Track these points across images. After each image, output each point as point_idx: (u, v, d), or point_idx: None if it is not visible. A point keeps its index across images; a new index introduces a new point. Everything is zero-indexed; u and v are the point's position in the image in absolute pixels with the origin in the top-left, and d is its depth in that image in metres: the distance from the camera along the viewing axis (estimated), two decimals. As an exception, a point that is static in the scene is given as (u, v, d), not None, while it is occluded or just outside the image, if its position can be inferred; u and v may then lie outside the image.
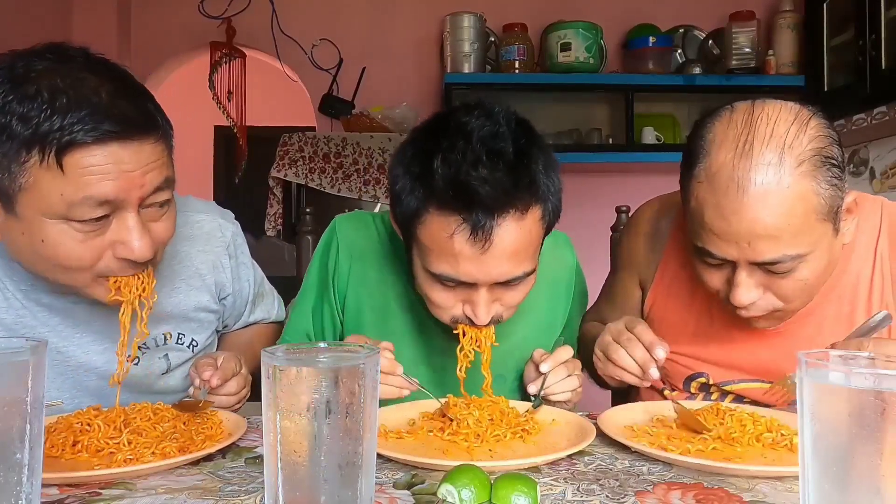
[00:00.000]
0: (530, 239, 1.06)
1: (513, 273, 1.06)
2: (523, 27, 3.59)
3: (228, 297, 1.33)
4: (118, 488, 0.80)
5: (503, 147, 1.02)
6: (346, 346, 0.74)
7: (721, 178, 1.00)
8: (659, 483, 0.81)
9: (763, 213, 0.98)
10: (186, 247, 1.25)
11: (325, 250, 1.34)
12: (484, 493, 0.74)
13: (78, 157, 0.90)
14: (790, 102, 1.05)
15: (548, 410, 1.09)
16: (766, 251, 1.00)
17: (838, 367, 0.63)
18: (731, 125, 1.02)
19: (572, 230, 1.40)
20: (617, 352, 1.10)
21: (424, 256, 1.08)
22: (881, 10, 2.83)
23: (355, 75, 3.75)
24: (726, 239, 1.01)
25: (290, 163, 3.40)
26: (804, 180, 0.97)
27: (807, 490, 0.62)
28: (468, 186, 0.99)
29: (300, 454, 0.63)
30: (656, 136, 3.61)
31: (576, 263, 1.39)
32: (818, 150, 0.99)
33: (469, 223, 1.00)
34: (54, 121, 0.88)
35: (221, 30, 3.69)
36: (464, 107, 1.09)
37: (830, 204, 1.00)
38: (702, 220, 1.04)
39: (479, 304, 1.08)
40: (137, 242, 0.97)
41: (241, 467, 0.88)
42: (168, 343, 1.24)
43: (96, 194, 0.92)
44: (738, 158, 0.99)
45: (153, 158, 0.97)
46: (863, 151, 3.42)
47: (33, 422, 0.63)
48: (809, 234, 1.00)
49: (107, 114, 0.91)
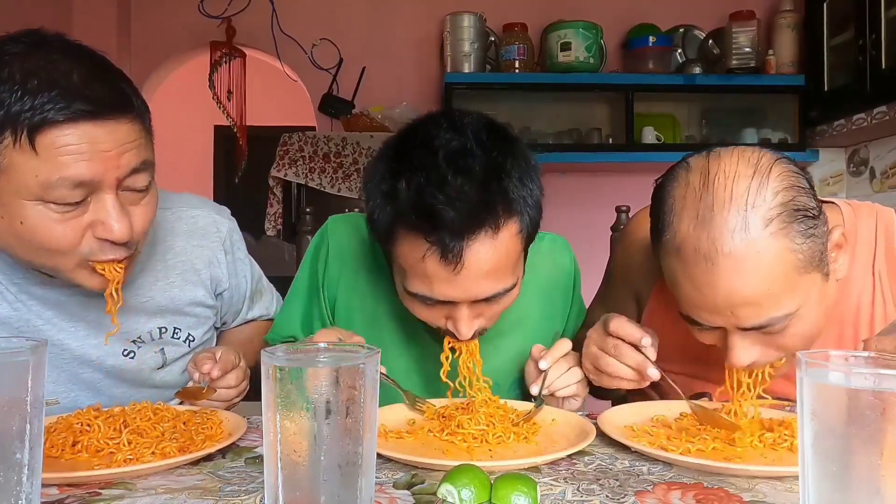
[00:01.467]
0: (507, 255, 1.01)
1: (491, 290, 1.03)
2: (523, 27, 3.59)
3: (225, 293, 1.32)
4: (118, 488, 0.80)
5: (470, 164, 0.96)
6: (346, 346, 0.74)
7: (686, 250, 0.93)
8: (659, 483, 0.81)
9: (738, 283, 0.91)
10: (182, 242, 1.25)
11: (315, 254, 1.31)
12: (484, 493, 0.74)
13: (51, 136, 0.90)
14: (749, 150, 0.95)
15: (548, 410, 1.08)
16: (750, 318, 0.93)
17: (838, 367, 0.63)
18: (689, 189, 0.94)
19: (572, 230, 1.39)
20: (609, 364, 1.05)
21: (401, 275, 1.06)
22: (881, 9, 2.83)
23: (355, 75, 3.75)
24: (707, 309, 0.95)
25: (290, 162, 3.40)
26: (776, 241, 0.90)
27: (807, 490, 0.62)
28: (433, 210, 0.94)
29: (300, 454, 0.63)
30: (656, 135, 3.61)
31: (574, 267, 1.36)
32: (785, 205, 0.90)
33: (438, 246, 0.96)
34: (25, 101, 0.88)
35: (221, 29, 3.69)
36: (432, 118, 1.04)
37: (810, 255, 0.92)
38: (679, 292, 0.98)
39: (460, 320, 1.05)
40: (116, 223, 0.96)
41: (241, 467, 0.87)
42: (163, 337, 1.23)
43: (71, 175, 0.91)
44: (700, 228, 0.91)
45: (129, 139, 0.96)
46: (863, 151, 3.42)
47: (33, 422, 0.63)
48: (794, 291, 0.93)
49: (79, 93, 0.90)
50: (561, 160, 3.50)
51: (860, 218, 1.12)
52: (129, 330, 1.18)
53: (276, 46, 3.75)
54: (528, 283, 1.14)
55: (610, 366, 1.05)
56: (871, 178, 3.37)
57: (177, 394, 1.09)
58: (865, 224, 1.11)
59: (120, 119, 0.94)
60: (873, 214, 1.12)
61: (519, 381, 1.28)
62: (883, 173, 3.29)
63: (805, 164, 3.63)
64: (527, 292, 1.16)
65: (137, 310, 1.18)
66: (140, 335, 1.20)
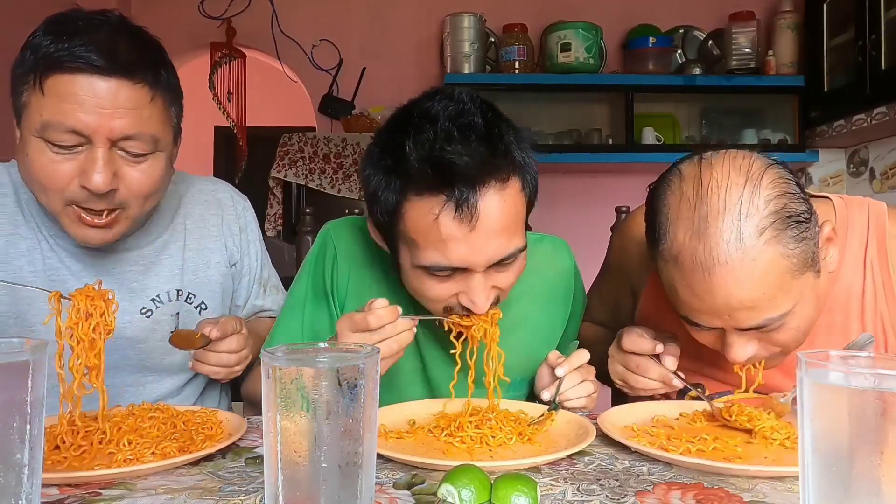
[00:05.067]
0: (515, 210, 1.03)
1: (505, 250, 1.02)
2: (523, 27, 3.59)
3: (236, 266, 1.38)
4: (118, 488, 0.80)
5: (472, 120, 1.00)
6: (346, 345, 0.74)
7: (684, 259, 0.96)
8: (659, 483, 0.81)
9: (734, 290, 0.94)
10: (200, 210, 1.35)
11: (319, 260, 1.28)
12: (484, 494, 0.74)
13: (58, 82, 1.00)
14: (740, 156, 0.97)
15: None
16: (747, 320, 0.97)
17: (838, 367, 0.63)
18: (683, 199, 0.97)
19: (572, 230, 1.39)
20: (637, 381, 1.12)
21: (413, 250, 1.04)
22: (881, 10, 2.83)
23: (355, 76, 3.75)
24: (705, 312, 0.99)
25: (290, 163, 3.40)
26: (769, 248, 0.92)
27: (807, 490, 0.62)
28: (445, 161, 0.96)
29: (300, 454, 0.63)
30: (656, 136, 3.61)
31: (574, 268, 1.36)
32: (778, 213, 0.93)
33: (452, 200, 0.97)
34: (50, 47, 1.00)
35: (221, 30, 3.69)
36: (424, 95, 1.07)
37: (803, 258, 0.95)
38: (677, 297, 1.01)
39: (476, 290, 1.04)
40: (97, 175, 1.03)
41: (241, 467, 0.87)
42: (178, 300, 1.28)
43: (66, 122, 1.00)
44: (696, 239, 0.94)
45: (130, 104, 1.03)
46: (862, 152, 3.42)
47: (33, 422, 0.63)
48: (788, 293, 0.96)
49: (99, 48, 1.00)
50: (561, 161, 3.50)
51: (852, 210, 1.13)
52: (148, 286, 1.26)
53: (276, 47, 3.75)
54: (530, 284, 1.14)
55: (639, 382, 1.12)
56: (871, 178, 3.37)
57: (171, 338, 1.10)
58: (857, 216, 1.13)
59: (126, 80, 1.02)
60: (865, 207, 1.14)
61: (520, 381, 1.28)
62: (883, 174, 3.29)
63: (805, 164, 3.63)
64: (528, 294, 1.16)
65: (158, 266, 1.27)
66: (158, 293, 1.27)
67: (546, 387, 1.13)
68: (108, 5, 3.57)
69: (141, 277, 1.25)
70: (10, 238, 1.19)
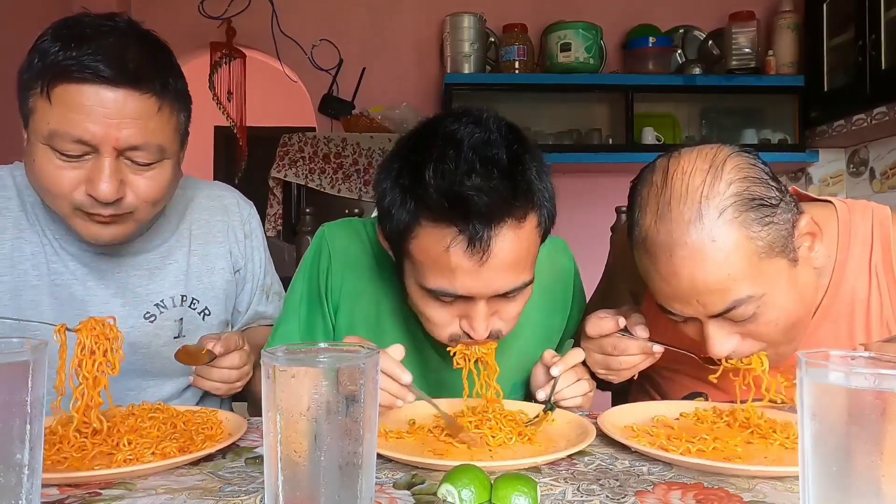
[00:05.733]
0: (528, 247, 1.02)
1: (512, 284, 1.02)
2: (523, 27, 3.59)
3: (240, 272, 1.38)
4: (118, 488, 0.80)
5: (496, 154, 0.97)
6: (346, 345, 0.74)
7: (649, 244, 0.99)
8: (659, 483, 0.81)
9: (697, 272, 0.95)
10: (206, 215, 1.35)
11: (314, 261, 1.26)
12: (484, 494, 0.73)
13: (65, 91, 1.00)
14: (708, 147, 1.00)
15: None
16: (715, 303, 0.97)
17: (838, 367, 0.63)
18: (652, 187, 1.00)
19: (572, 231, 1.39)
20: (619, 362, 1.09)
21: (419, 272, 1.04)
22: (881, 10, 2.83)
23: (355, 75, 3.75)
24: (675, 299, 1.00)
25: (290, 163, 3.40)
26: (731, 229, 0.94)
27: (807, 490, 0.62)
28: (463, 196, 0.94)
29: (300, 454, 0.63)
30: (656, 136, 3.61)
31: (574, 269, 1.36)
32: (739, 195, 0.95)
33: (465, 235, 0.96)
34: (59, 55, 0.99)
35: (221, 30, 3.69)
36: (451, 115, 1.04)
37: (771, 242, 0.96)
38: (651, 285, 1.03)
39: (476, 318, 1.04)
40: (104, 185, 1.04)
41: (241, 467, 0.87)
42: (183, 305, 1.28)
43: (71, 131, 1.01)
44: (659, 222, 0.97)
45: (136, 114, 1.03)
46: (863, 152, 3.42)
47: (33, 422, 0.63)
48: (756, 276, 0.96)
49: (107, 57, 1.00)
50: (561, 161, 3.49)
51: (855, 215, 1.13)
52: (153, 291, 1.26)
53: (276, 47, 3.74)
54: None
55: (621, 363, 1.10)
56: (872, 178, 3.36)
57: (176, 353, 1.10)
58: (860, 221, 1.12)
59: (133, 92, 1.02)
60: (868, 212, 1.13)
61: (520, 384, 1.28)
62: (883, 174, 3.29)
63: (805, 164, 3.63)
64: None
65: (163, 271, 1.27)
66: (163, 299, 1.27)
67: (541, 386, 1.12)
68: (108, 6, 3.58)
69: (145, 282, 1.25)
70: (15, 242, 1.19)
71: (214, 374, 1.13)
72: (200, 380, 1.14)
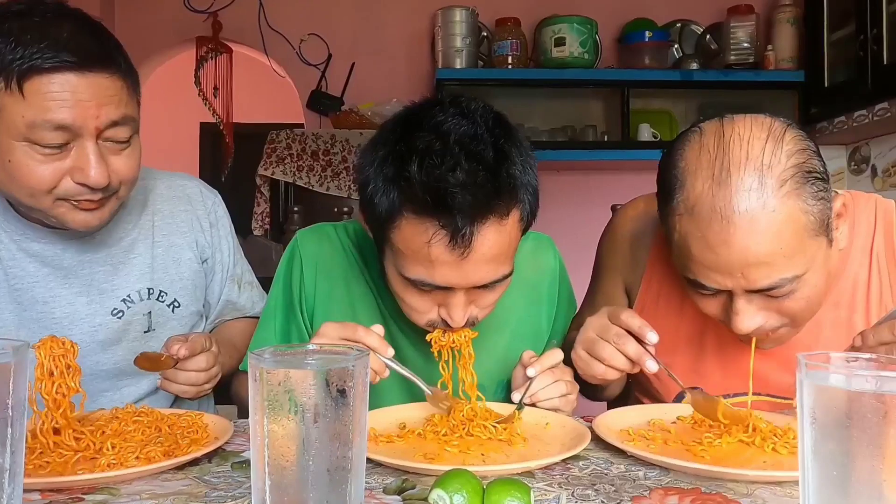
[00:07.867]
0: (510, 242, 1.03)
1: (492, 277, 1.03)
2: (516, 21, 3.57)
3: (208, 262, 1.37)
4: (102, 493, 0.79)
5: (482, 150, 0.97)
6: (335, 347, 0.73)
7: (702, 209, 0.96)
8: (655, 488, 0.80)
9: (752, 242, 0.93)
10: (169, 206, 1.34)
11: (287, 268, 1.29)
12: (476, 499, 0.72)
13: (37, 83, 1.00)
14: (760, 116, 0.99)
15: (541, 414, 1.07)
16: (761, 278, 0.96)
17: (839, 370, 0.63)
18: (703, 150, 0.97)
19: (566, 229, 1.37)
20: (604, 349, 1.04)
21: (399, 260, 1.05)
22: (882, 4, 2.80)
23: (344, 71, 3.72)
24: (718, 270, 0.97)
25: (278, 160, 3.37)
26: (789, 200, 0.93)
27: (807, 495, 0.61)
28: (447, 192, 0.95)
29: (288, 458, 0.62)
30: (652, 132, 3.60)
31: (559, 266, 1.34)
32: (799, 166, 0.94)
33: (448, 230, 0.96)
34: (17, 51, 1.00)
35: (207, 24, 3.66)
36: (438, 103, 1.04)
37: (820, 218, 0.96)
38: (689, 254, 0.99)
39: (455, 307, 1.05)
40: (94, 169, 1.05)
41: (228, 472, 0.86)
42: (150, 299, 1.27)
43: (53, 119, 1.01)
44: (716, 187, 0.94)
45: (110, 93, 1.05)
46: (864, 149, 3.41)
47: (14, 425, 0.62)
48: (803, 253, 0.96)
49: (66, 46, 1.01)
50: (555, 158, 3.49)
51: (858, 204, 1.14)
52: (118, 286, 1.25)
53: (263, 41, 3.71)
54: (513, 282, 1.12)
55: (605, 351, 1.04)
56: (873, 175, 3.35)
57: (136, 359, 1.09)
58: (864, 210, 1.14)
59: (102, 73, 1.04)
60: (872, 202, 1.15)
61: (504, 383, 1.26)
62: (885, 171, 3.28)
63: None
64: (511, 292, 1.14)
65: (127, 265, 1.26)
66: (129, 293, 1.25)
67: (519, 387, 1.11)
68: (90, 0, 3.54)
69: (110, 278, 1.24)
70: None
71: (181, 377, 1.13)
72: (167, 383, 1.14)
